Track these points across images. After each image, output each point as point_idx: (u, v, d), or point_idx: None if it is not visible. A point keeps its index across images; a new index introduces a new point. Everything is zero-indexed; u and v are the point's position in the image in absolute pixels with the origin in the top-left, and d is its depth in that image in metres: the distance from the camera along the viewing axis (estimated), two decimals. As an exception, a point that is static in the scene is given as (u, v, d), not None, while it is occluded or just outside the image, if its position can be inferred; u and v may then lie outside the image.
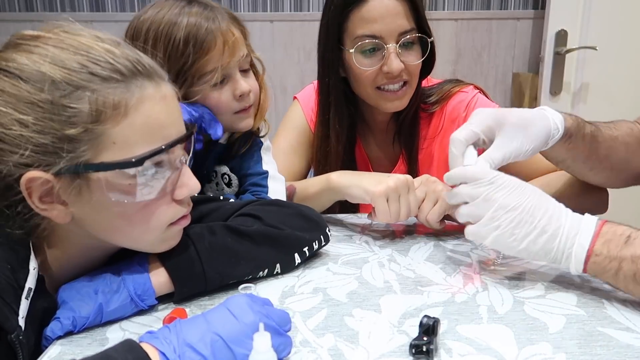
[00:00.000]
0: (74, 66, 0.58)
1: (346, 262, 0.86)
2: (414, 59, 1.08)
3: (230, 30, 0.89)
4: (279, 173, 1.06)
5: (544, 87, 2.26)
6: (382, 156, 1.27)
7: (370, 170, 1.26)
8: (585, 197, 1.01)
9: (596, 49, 2.12)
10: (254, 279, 0.77)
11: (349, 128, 1.19)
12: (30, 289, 0.59)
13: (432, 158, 1.22)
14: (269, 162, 1.05)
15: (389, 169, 1.25)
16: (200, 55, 0.87)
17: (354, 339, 0.63)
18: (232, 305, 0.56)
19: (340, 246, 0.92)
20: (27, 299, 0.59)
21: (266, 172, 1.02)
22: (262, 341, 0.48)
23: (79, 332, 0.64)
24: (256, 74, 0.99)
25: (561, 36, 2.18)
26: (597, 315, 0.68)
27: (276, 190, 1.02)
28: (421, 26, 1.08)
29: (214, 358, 0.51)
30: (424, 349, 0.58)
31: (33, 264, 0.61)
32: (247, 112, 0.96)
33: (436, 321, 0.61)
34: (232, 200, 0.88)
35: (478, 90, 1.20)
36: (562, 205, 0.73)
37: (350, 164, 1.22)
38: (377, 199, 0.91)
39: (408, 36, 1.05)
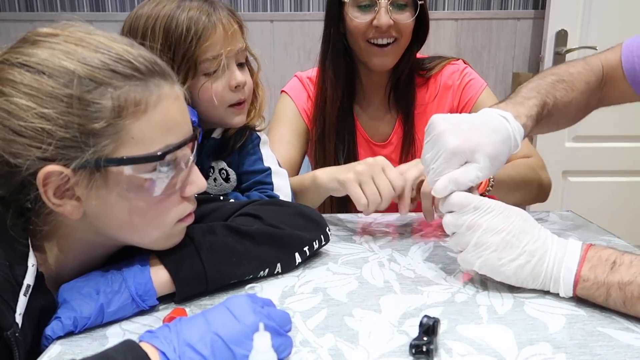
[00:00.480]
0: (96, 63, 0.59)
1: (346, 262, 0.86)
2: (405, 18, 1.14)
3: (230, 22, 0.91)
4: (280, 166, 1.06)
5: (544, 87, 2.25)
6: (378, 125, 1.31)
7: (367, 139, 1.31)
8: (532, 187, 1.11)
9: (596, 49, 2.12)
10: (255, 279, 0.77)
11: (345, 78, 1.23)
12: (28, 285, 0.59)
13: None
14: (269, 156, 1.05)
15: (385, 136, 1.30)
16: (202, 42, 0.88)
17: (354, 339, 0.63)
18: (232, 305, 0.56)
19: (340, 246, 0.92)
20: (26, 296, 0.59)
21: (269, 169, 1.03)
22: (262, 341, 0.48)
23: (79, 332, 0.64)
24: (251, 71, 0.99)
25: (561, 36, 2.19)
26: (597, 315, 0.68)
27: (280, 185, 1.02)
28: None
29: (213, 358, 0.51)
30: (424, 349, 0.58)
31: (32, 261, 0.61)
32: (241, 108, 0.96)
33: (436, 321, 0.61)
34: (232, 200, 0.88)
35: (466, 65, 1.30)
36: (547, 230, 0.73)
37: (346, 119, 1.26)
38: (349, 186, 0.91)
39: None
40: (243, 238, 0.75)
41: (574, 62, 0.99)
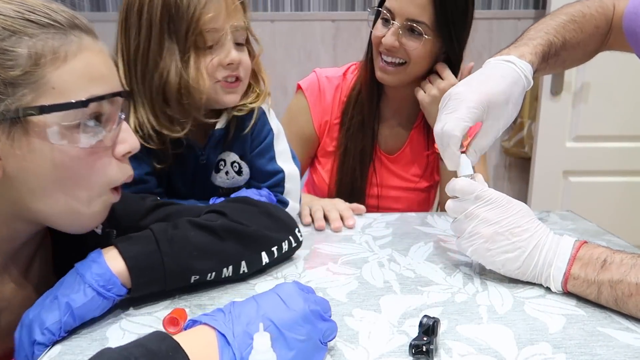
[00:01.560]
0: (9, 13, 0.57)
1: (346, 262, 0.86)
2: (412, 45, 1.12)
3: None
4: (292, 164, 1.04)
5: (545, 87, 2.26)
6: (389, 136, 1.31)
7: (376, 147, 1.32)
8: None
9: (596, 49, 2.13)
10: (221, 277, 0.74)
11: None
12: None
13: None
14: (282, 153, 1.02)
15: (394, 149, 1.31)
16: (201, 13, 0.84)
17: (354, 339, 0.63)
18: (282, 291, 0.57)
19: (340, 246, 0.92)
20: None
21: (282, 172, 1.01)
22: (262, 341, 0.48)
23: (69, 335, 0.63)
24: (252, 53, 0.96)
25: (561, 36, 2.18)
26: (597, 315, 0.68)
27: (290, 190, 1.02)
28: (439, 27, 1.11)
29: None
30: (424, 349, 0.58)
31: None
32: (234, 86, 0.92)
33: (436, 321, 0.61)
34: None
35: None
36: (546, 228, 0.74)
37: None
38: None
39: (414, 25, 1.11)
40: (205, 232, 0.73)
41: (591, 0, 0.97)
